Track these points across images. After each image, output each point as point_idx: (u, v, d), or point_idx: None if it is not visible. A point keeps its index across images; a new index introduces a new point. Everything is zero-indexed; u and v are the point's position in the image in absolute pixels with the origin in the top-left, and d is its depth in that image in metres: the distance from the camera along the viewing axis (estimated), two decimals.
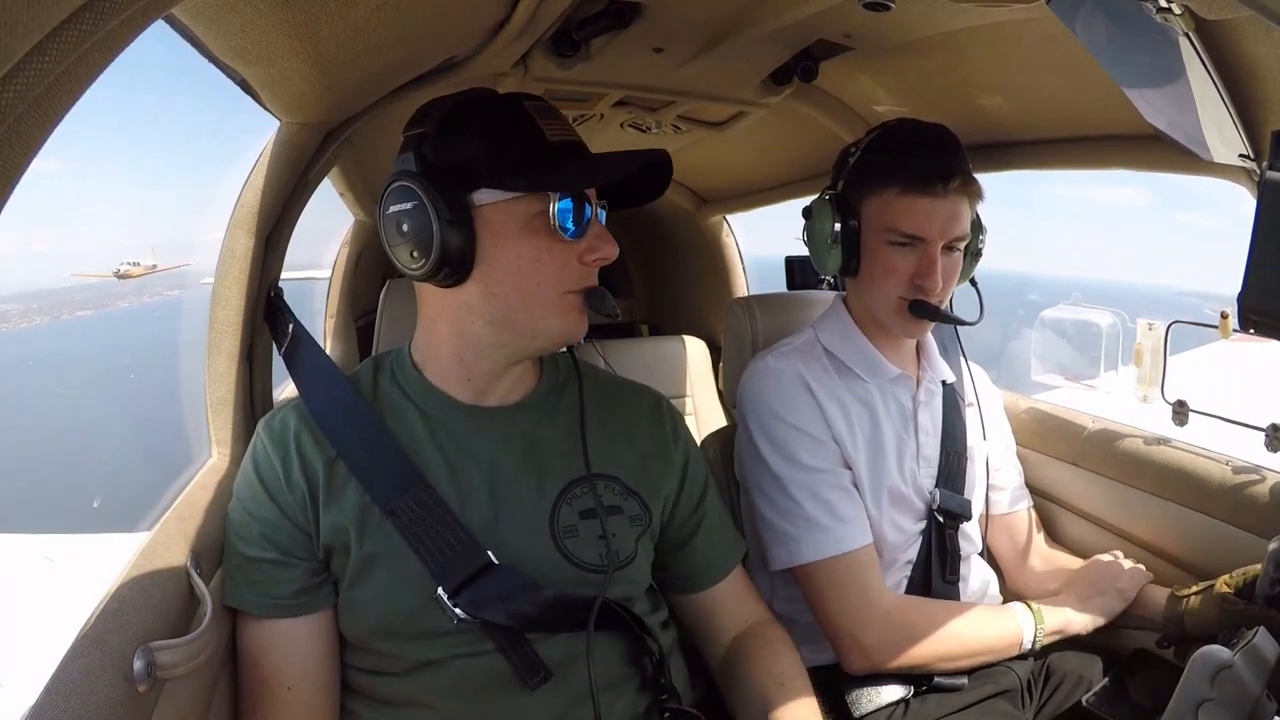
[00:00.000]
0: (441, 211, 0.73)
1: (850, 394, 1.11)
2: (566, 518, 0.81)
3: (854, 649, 1.02)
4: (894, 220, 1.03)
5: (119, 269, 70.01)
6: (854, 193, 1.08)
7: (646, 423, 0.92)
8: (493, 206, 0.75)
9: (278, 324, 0.96)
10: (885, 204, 1.04)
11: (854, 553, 1.03)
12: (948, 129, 1.06)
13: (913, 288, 1.05)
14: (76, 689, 0.58)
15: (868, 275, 1.08)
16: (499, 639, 0.76)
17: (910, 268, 1.04)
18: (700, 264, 2.54)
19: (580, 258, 0.78)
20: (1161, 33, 0.62)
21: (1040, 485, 1.34)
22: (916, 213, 1.02)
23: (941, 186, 1.01)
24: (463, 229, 0.74)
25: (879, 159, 1.06)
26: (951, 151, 1.04)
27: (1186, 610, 1.00)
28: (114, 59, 0.44)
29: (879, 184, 1.04)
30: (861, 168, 1.08)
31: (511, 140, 0.76)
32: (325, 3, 0.67)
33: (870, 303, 1.11)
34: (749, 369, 1.15)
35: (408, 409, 0.82)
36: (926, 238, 1.02)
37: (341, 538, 0.76)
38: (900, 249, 1.04)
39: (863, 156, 1.08)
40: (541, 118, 0.78)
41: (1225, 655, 0.67)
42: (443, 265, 0.74)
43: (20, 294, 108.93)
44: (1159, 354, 1.30)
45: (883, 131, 1.08)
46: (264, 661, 0.77)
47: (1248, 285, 0.52)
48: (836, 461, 1.08)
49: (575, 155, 0.78)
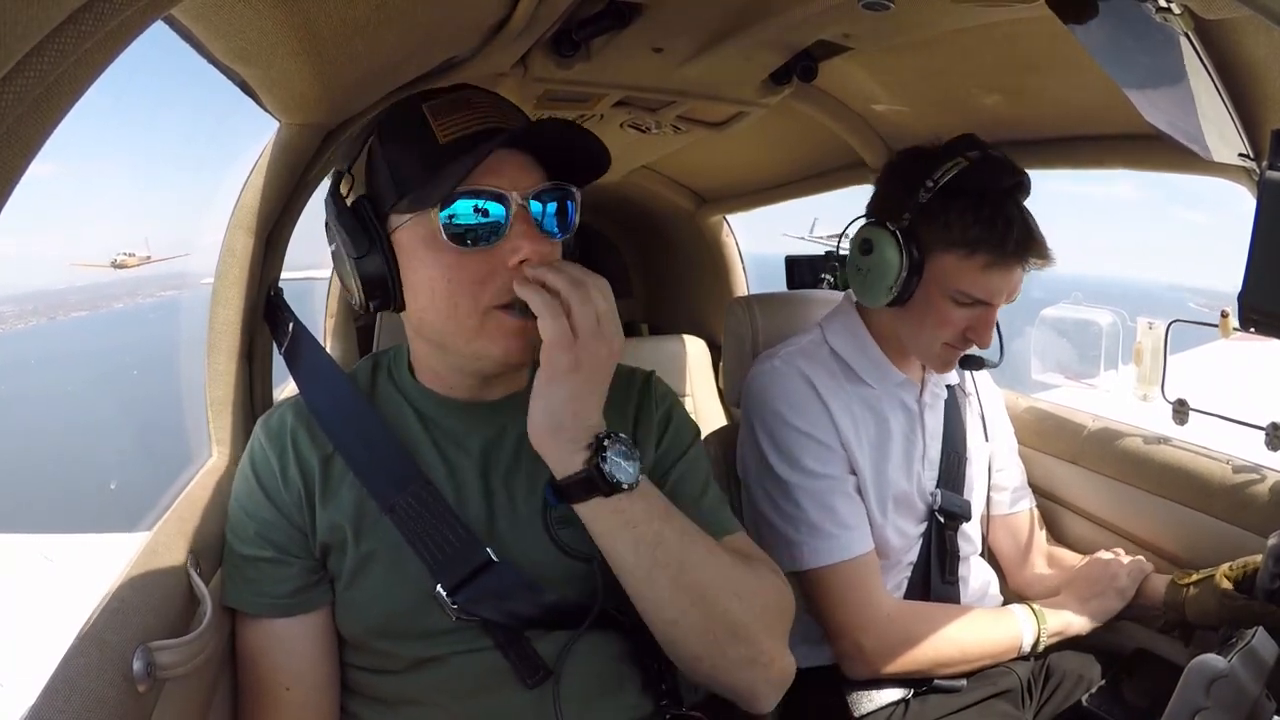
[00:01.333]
0: (350, 248, 0.73)
1: (857, 399, 1.10)
2: (561, 509, 0.79)
3: (855, 654, 1.02)
4: (969, 287, 1.00)
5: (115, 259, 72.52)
6: (926, 238, 1.01)
7: (633, 406, 0.88)
8: (402, 229, 0.73)
9: (278, 323, 0.96)
10: (964, 271, 1.00)
11: (856, 559, 1.03)
12: (1027, 176, 1.02)
13: (963, 340, 1.04)
14: (76, 689, 0.57)
15: (917, 319, 1.05)
16: (498, 637, 0.76)
17: (965, 321, 1.03)
18: (700, 264, 2.54)
19: (506, 265, 0.71)
20: (1161, 33, 0.62)
21: (1041, 484, 1.34)
22: (995, 283, 1.00)
23: (1028, 260, 1.00)
24: (380, 258, 0.73)
25: (966, 216, 0.99)
26: (1029, 211, 1.01)
27: (1186, 599, 1.01)
28: (114, 59, 0.44)
29: (963, 246, 0.99)
30: (941, 216, 1.00)
31: (404, 155, 0.73)
32: (325, 3, 0.67)
33: (909, 339, 1.09)
34: (754, 369, 1.14)
35: (404, 407, 0.82)
36: (995, 304, 1.02)
37: (338, 536, 0.76)
38: (961, 306, 1.02)
39: (943, 200, 1.00)
40: (438, 117, 0.72)
41: (1220, 665, 0.68)
42: (369, 297, 0.75)
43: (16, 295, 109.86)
44: (1159, 353, 1.30)
45: (967, 172, 1.00)
46: (262, 661, 0.77)
47: (1248, 284, 0.52)
48: (842, 467, 1.07)
49: (466, 152, 0.69)
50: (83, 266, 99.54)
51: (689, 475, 0.86)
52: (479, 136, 0.72)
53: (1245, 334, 0.62)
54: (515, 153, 0.73)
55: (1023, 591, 1.24)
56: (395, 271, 0.74)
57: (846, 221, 1.14)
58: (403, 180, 0.73)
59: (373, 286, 0.75)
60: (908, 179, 1.03)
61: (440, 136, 0.72)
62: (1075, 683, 1.10)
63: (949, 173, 1.00)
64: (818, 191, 1.95)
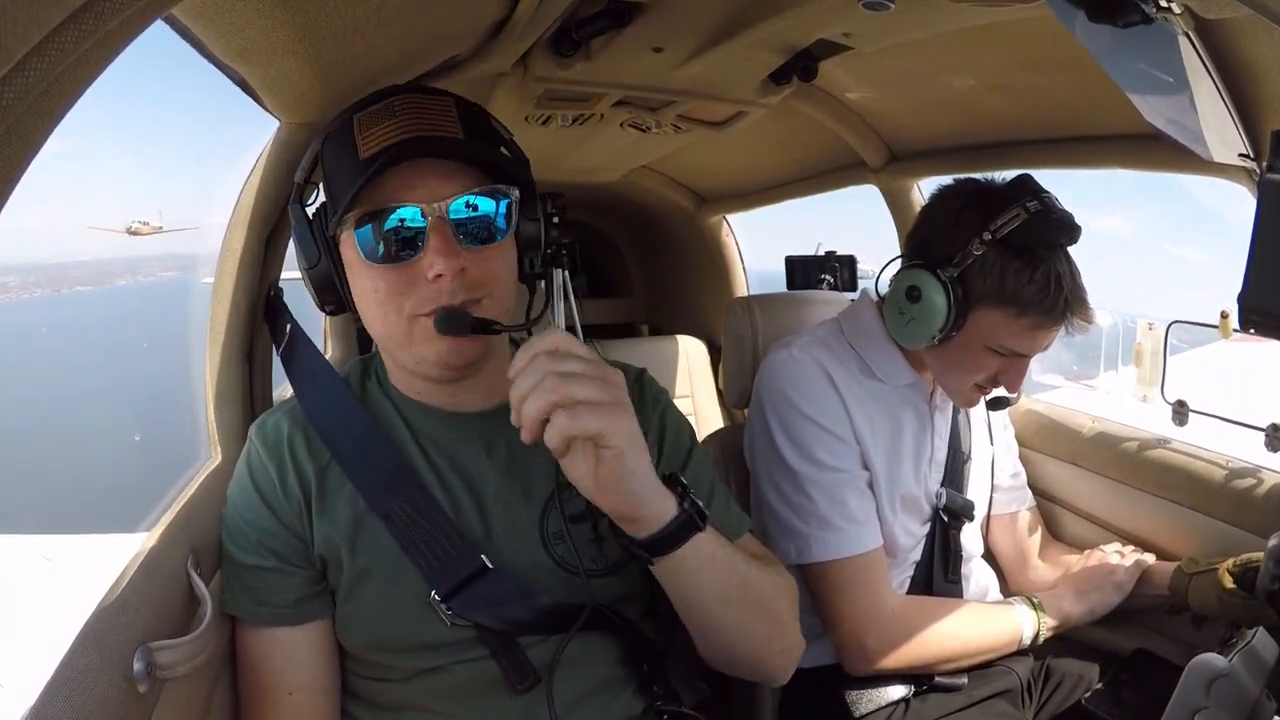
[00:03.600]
0: (301, 260, 0.78)
1: (872, 395, 1.09)
2: (554, 523, 0.79)
3: (857, 651, 1.02)
4: (1012, 343, 1.01)
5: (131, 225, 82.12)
6: (976, 288, 0.99)
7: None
8: (343, 240, 0.75)
9: (277, 324, 0.96)
10: (1010, 327, 0.99)
11: (865, 555, 1.03)
12: (1079, 227, 0.99)
13: (993, 383, 1.05)
14: (76, 689, 0.57)
15: (954, 360, 1.05)
16: (491, 644, 0.75)
17: (999, 367, 1.03)
18: (700, 264, 2.54)
19: (425, 276, 0.71)
20: (1161, 33, 0.62)
21: (1041, 485, 1.34)
22: (1039, 341, 1.01)
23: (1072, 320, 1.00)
24: (329, 266, 0.76)
25: (1022, 278, 0.96)
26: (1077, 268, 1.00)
27: (1190, 588, 1.02)
28: (114, 59, 0.44)
29: (1014, 305, 0.97)
30: (996, 270, 0.97)
31: (336, 170, 0.75)
32: (325, 3, 0.67)
33: (938, 374, 1.10)
34: (770, 357, 1.13)
35: (393, 415, 0.82)
36: (1031, 356, 1.03)
37: (333, 552, 0.76)
38: (999, 355, 1.02)
39: (998, 254, 0.97)
40: (363, 129, 0.72)
41: (1220, 664, 0.68)
42: (323, 303, 0.79)
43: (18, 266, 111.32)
44: (1159, 354, 1.30)
45: (1028, 226, 0.96)
46: (264, 667, 0.77)
47: (1248, 285, 0.52)
48: (855, 462, 1.06)
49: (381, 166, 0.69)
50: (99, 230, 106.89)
51: (698, 479, 0.85)
52: (399, 148, 0.70)
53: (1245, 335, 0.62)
54: (440, 162, 0.72)
55: (1023, 592, 1.24)
56: (344, 280, 0.77)
57: (849, 243, 1.14)
58: (334, 193, 0.75)
59: (325, 293, 0.78)
60: (960, 223, 1.00)
61: (361, 149, 0.72)
62: (1075, 683, 1.10)
63: (1007, 225, 0.96)
64: (818, 191, 1.95)
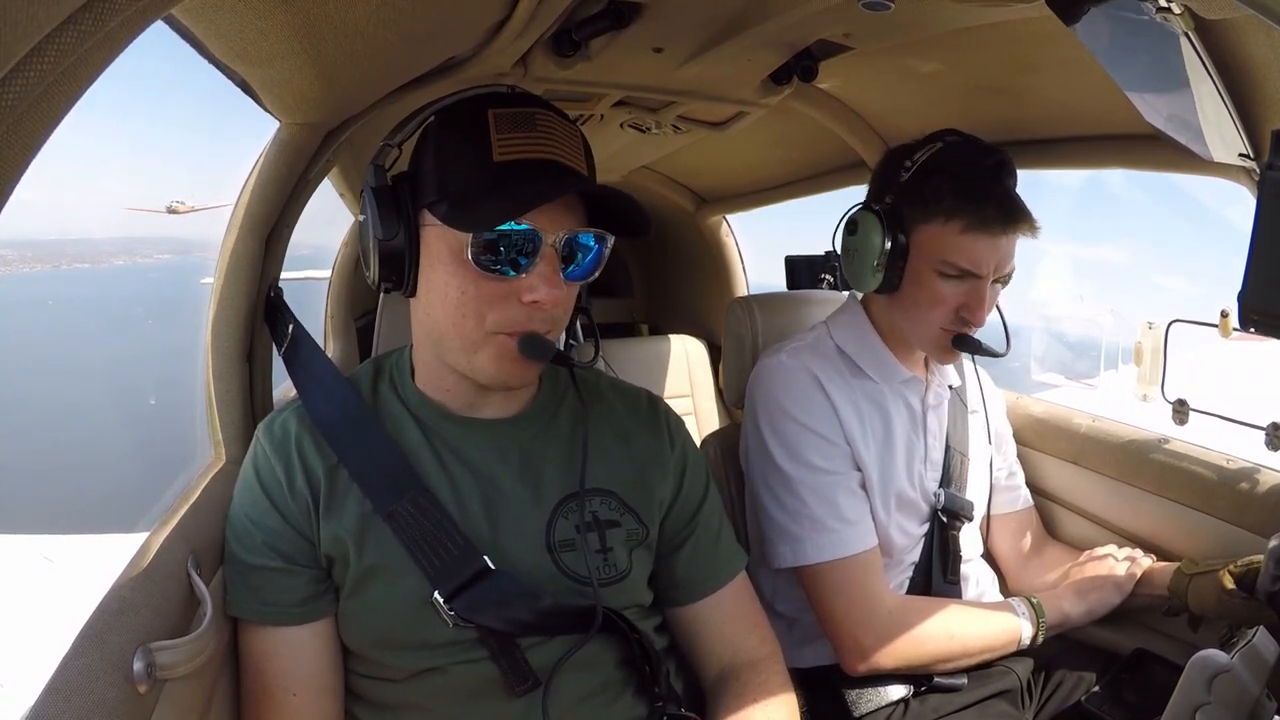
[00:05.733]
0: (378, 229, 0.73)
1: (863, 395, 1.10)
2: (563, 531, 0.80)
3: (854, 651, 1.02)
4: (952, 255, 1.01)
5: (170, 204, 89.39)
6: (908, 214, 1.04)
7: (644, 430, 0.89)
8: (433, 228, 0.73)
9: (277, 324, 0.96)
10: (945, 237, 1.01)
11: (859, 555, 1.03)
12: (1007, 156, 1.04)
13: (957, 319, 1.04)
14: (77, 689, 0.57)
15: (911, 301, 1.06)
16: (492, 646, 0.75)
17: (957, 299, 1.03)
18: (700, 264, 2.53)
19: (520, 297, 0.72)
20: (1161, 32, 0.62)
21: (1040, 484, 1.34)
22: (978, 250, 1.00)
23: (1010, 227, 1.00)
24: (405, 244, 0.74)
25: (942, 186, 1.01)
26: (1013, 181, 1.02)
27: (1190, 589, 1.02)
28: (114, 59, 0.44)
29: (941, 215, 1.01)
30: (920, 189, 1.03)
31: (455, 159, 0.73)
32: (325, 3, 0.67)
33: (906, 327, 1.09)
34: (760, 364, 1.14)
35: (404, 417, 0.81)
36: (982, 275, 1.02)
37: (341, 550, 0.76)
38: (950, 280, 1.02)
39: (921, 177, 1.03)
40: (500, 130, 0.71)
41: (1222, 660, 0.67)
42: (382, 277, 0.75)
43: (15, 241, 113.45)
44: (1159, 353, 1.30)
45: (944, 151, 1.04)
46: (267, 667, 0.77)
47: (1248, 285, 0.52)
48: (847, 463, 1.07)
49: (516, 180, 0.70)
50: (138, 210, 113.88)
51: (711, 515, 0.91)
52: (534, 166, 0.71)
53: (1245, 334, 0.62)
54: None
55: (1023, 592, 1.24)
56: (415, 262, 0.75)
57: None
58: (448, 184, 0.73)
59: (390, 270, 0.75)
60: (891, 164, 1.08)
61: (496, 152, 0.71)
62: (1075, 683, 1.10)
63: (928, 153, 1.04)
64: (817, 191, 1.95)
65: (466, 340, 0.74)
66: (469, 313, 0.72)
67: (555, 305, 0.73)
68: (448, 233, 0.72)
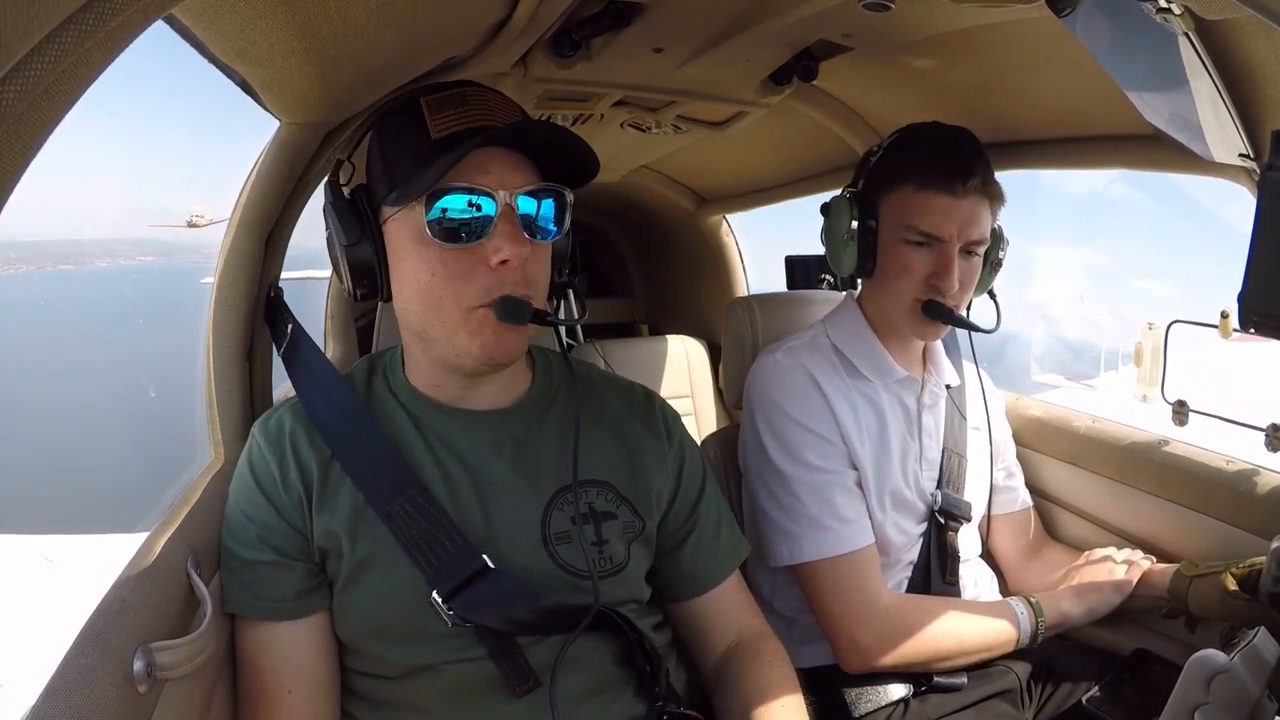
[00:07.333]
0: (341, 236, 0.76)
1: (858, 393, 1.11)
2: (559, 524, 0.80)
3: (851, 648, 1.02)
4: (911, 217, 1.03)
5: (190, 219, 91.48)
6: (873, 190, 1.08)
7: (639, 424, 0.90)
8: (392, 221, 0.75)
9: (277, 324, 0.96)
10: (903, 200, 1.04)
11: (855, 553, 1.03)
12: (970, 132, 1.06)
13: (928, 288, 1.04)
14: (76, 690, 0.57)
15: (883, 274, 1.08)
16: (490, 645, 0.75)
17: (927, 268, 1.03)
18: (700, 264, 2.54)
19: (488, 262, 0.72)
20: (1161, 33, 0.62)
21: (1040, 485, 1.34)
22: (934, 210, 1.01)
23: (960, 185, 1.00)
24: (369, 248, 0.76)
25: (899, 156, 1.06)
26: (972, 151, 1.03)
27: (1190, 591, 1.01)
28: (114, 59, 0.44)
29: (897, 180, 1.04)
30: (882, 166, 1.08)
31: (397, 148, 0.75)
32: (325, 3, 0.67)
33: (884, 303, 1.10)
34: (757, 364, 1.15)
35: (398, 412, 0.82)
36: (944, 237, 1.02)
37: (334, 542, 0.76)
38: (917, 248, 1.03)
39: (884, 155, 1.08)
40: (433, 112, 0.74)
41: (1221, 660, 0.67)
42: (356, 285, 0.78)
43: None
44: (1159, 354, 1.30)
45: (905, 132, 1.09)
46: (263, 664, 0.77)
47: (1248, 285, 0.52)
48: (843, 462, 1.07)
49: (455, 146, 0.70)
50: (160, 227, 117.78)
51: (709, 506, 0.92)
52: (471, 133, 0.72)
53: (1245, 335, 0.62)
54: (508, 152, 0.74)
55: (1022, 593, 1.24)
56: (384, 261, 0.76)
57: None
58: (394, 173, 0.74)
59: (360, 275, 0.77)
60: (866, 155, 1.13)
61: (433, 131, 0.73)
62: (1075, 683, 1.10)
63: (894, 137, 1.10)
64: (817, 191, 1.95)
65: (447, 323, 0.75)
66: (444, 293, 0.73)
67: (523, 263, 0.73)
68: (405, 217, 0.73)
